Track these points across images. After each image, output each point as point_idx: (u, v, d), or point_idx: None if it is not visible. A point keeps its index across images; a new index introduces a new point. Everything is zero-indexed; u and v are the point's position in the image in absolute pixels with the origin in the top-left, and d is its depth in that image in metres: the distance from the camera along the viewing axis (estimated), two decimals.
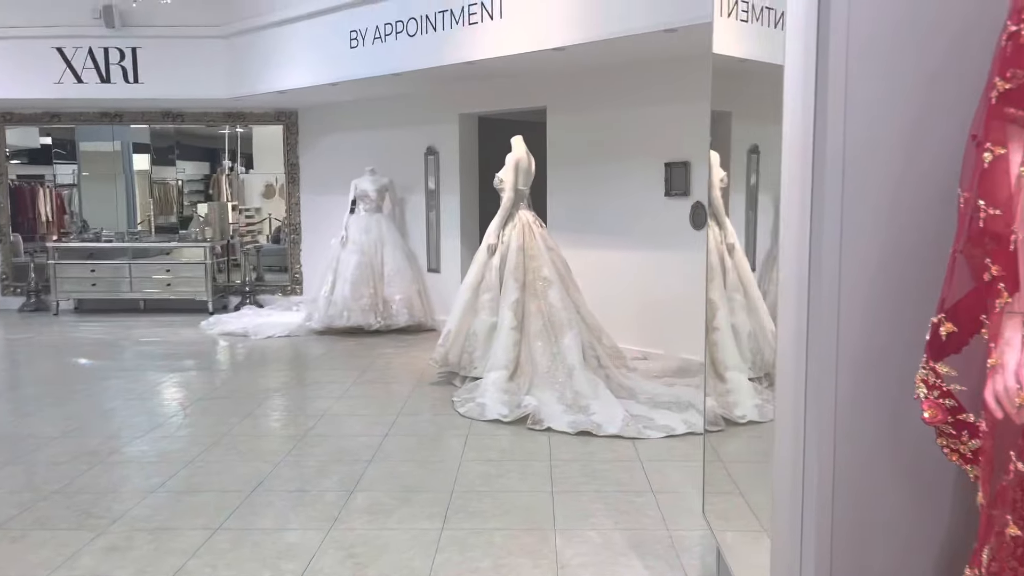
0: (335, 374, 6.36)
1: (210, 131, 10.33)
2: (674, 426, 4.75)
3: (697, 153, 6.18)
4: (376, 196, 8.43)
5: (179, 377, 6.32)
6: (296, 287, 10.09)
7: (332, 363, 6.78)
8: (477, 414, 5.09)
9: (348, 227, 8.39)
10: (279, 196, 10.70)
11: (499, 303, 5.82)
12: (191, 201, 10.68)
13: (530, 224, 5.99)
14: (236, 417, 5.13)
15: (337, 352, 7.24)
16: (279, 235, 10.76)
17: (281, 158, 10.06)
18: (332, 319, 8.01)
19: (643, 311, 6.61)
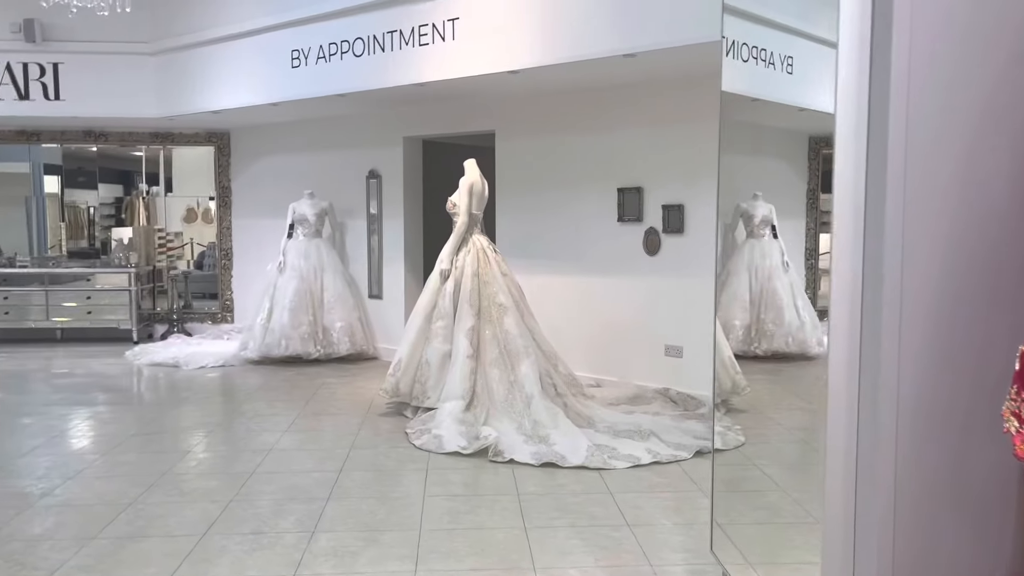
0: (278, 406, 6.07)
1: (124, 152, 9.87)
2: (639, 456, 4.67)
3: (650, 178, 6.18)
4: (315, 220, 8.18)
5: (108, 412, 5.93)
6: (227, 315, 9.69)
7: (273, 395, 6.48)
8: (435, 446, 4.91)
9: (286, 252, 8.10)
10: (202, 220, 10.32)
11: (453, 330, 5.67)
12: (104, 225, 10.18)
13: (484, 249, 5.87)
14: (175, 454, 4.81)
15: (277, 383, 6.94)
16: (203, 260, 10.36)
17: (206, 180, 9.74)
18: (270, 348, 7.70)
19: (595, 337, 6.55)
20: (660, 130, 6.09)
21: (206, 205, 10.22)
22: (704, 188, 5.86)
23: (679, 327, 6.07)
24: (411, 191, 8.03)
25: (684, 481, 4.31)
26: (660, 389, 6.07)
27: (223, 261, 9.66)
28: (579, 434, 5.01)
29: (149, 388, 6.88)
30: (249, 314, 8.98)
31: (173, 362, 7.74)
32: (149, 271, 9.69)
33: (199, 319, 9.71)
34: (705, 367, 5.90)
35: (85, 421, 5.62)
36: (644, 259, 6.24)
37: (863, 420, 1.61)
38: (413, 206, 8.06)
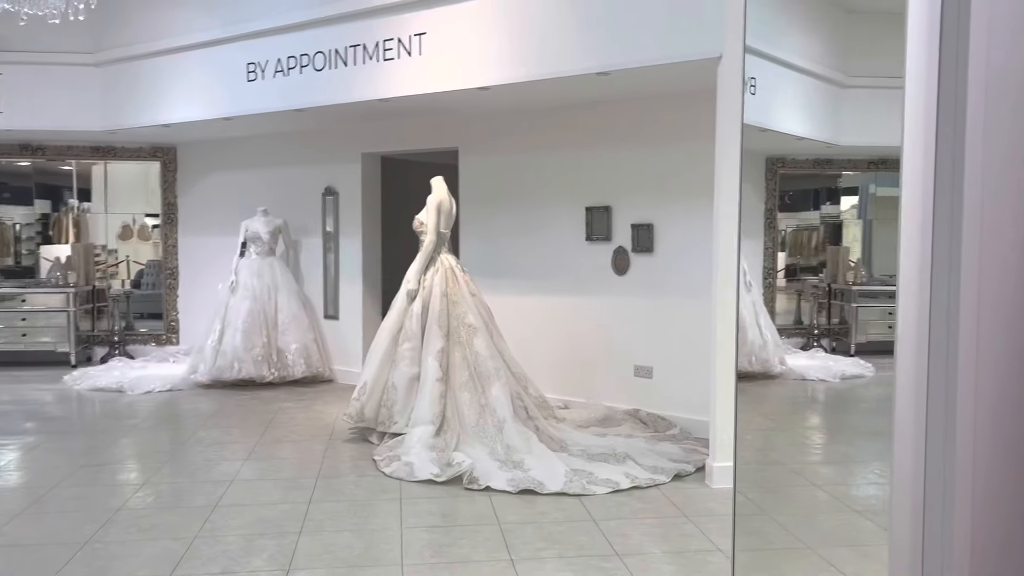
0: (235, 432, 5.82)
1: (53, 167, 9.45)
2: (617, 480, 4.58)
3: (619, 197, 6.14)
4: (268, 238, 7.94)
5: (51, 442, 5.58)
6: (172, 336, 9.32)
7: (228, 420, 6.21)
8: (406, 474, 4.74)
9: (238, 271, 7.85)
10: (138, 237, 9.94)
11: (421, 353, 5.52)
12: (33, 244, 9.72)
13: (453, 268, 5.74)
14: (129, 487, 4.54)
15: (231, 408, 6.66)
16: (140, 279, 9.97)
17: (142, 196, 9.45)
18: (221, 371, 7.41)
19: (563, 358, 6.45)
20: (629, 148, 6.06)
21: (142, 222, 9.86)
22: (674, 207, 5.85)
23: (649, 347, 6.03)
24: (369, 209, 7.86)
25: (666, 506, 4.24)
26: (630, 410, 6.01)
27: (168, 281, 9.30)
28: (554, 458, 4.90)
29: (93, 415, 6.53)
30: (196, 335, 8.67)
31: (117, 387, 7.38)
32: (88, 291, 9.27)
33: (142, 341, 9.32)
34: (675, 387, 5.87)
35: (27, 453, 5.27)
36: (613, 279, 6.19)
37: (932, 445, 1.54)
38: (371, 224, 7.88)
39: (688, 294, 5.78)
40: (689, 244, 5.77)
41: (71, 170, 9.51)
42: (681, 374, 5.84)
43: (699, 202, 5.66)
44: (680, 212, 5.82)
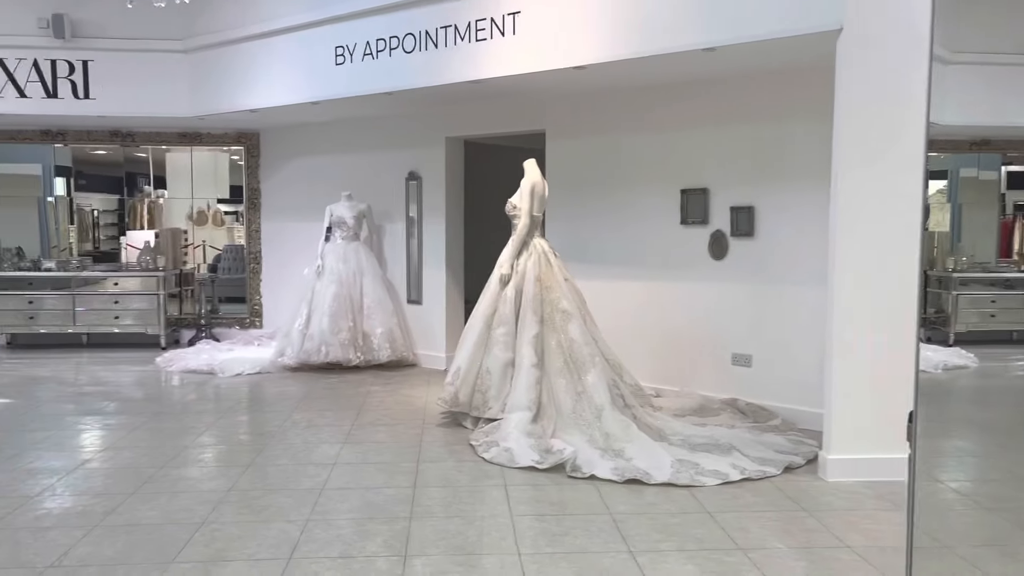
0: (328, 415, 5.84)
1: (129, 154, 9.62)
2: (726, 472, 4.44)
3: (717, 179, 5.96)
4: (354, 223, 7.96)
5: (154, 423, 5.68)
6: (256, 320, 9.45)
7: (320, 403, 6.25)
8: (506, 460, 4.67)
9: (324, 256, 7.89)
10: (212, 222, 10.10)
11: (516, 338, 5.44)
12: (111, 231, 9.96)
13: (546, 253, 5.65)
14: (236, 468, 4.58)
15: (320, 391, 6.71)
16: (217, 263, 10.14)
17: (214, 182, 9.69)
18: (308, 354, 7.47)
19: (656, 345, 6.31)
20: (729, 127, 5.86)
21: (216, 207, 10.01)
22: (778, 189, 5.64)
23: (748, 335, 5.85)
24: (453, 193, 7.80)
25: (781, 500, 4.08)
26: (727, 399, 5.84)
27: (252, 265, 9.43)
28: (657, 448, 4.78)
29: (189, 397, 6.63)
30: (279, 319, 8.80)
31: (208, 369, 7.50)
32: (176, 275, 9.46)
33: (226, 324, 9.47)
34: (776, 376, 5.68)
35: (132, 432, 5.37)
36: (710, 264, 6.01)
37: None
38: (454, 209, 7.83)
39: (793, 280, 5.58)
40: (794, 228, 5.56)
41: (146, 157, 9.70)
42: (783, 363, 5.65)
43: (807, 183, 5.45)
44: (784, 194, 5.61)
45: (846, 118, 4.24)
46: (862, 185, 4.25)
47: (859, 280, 4.29)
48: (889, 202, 4.22)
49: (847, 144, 4.25)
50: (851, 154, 4.25)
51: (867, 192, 4.25)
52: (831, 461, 4.38)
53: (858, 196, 4.26)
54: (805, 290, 5.52)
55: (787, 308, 5.62)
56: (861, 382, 4.33)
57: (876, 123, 4.20)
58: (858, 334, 4.31)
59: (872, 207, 4.26)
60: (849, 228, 4.29)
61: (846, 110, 4.23)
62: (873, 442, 4.34)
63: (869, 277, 4.28)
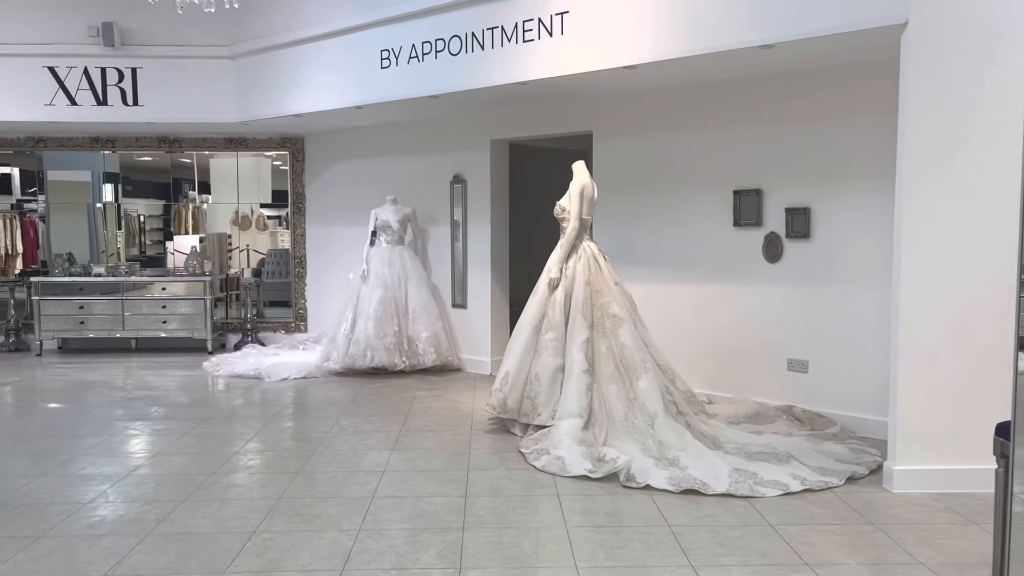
0: (376, 421, 5.81)
1: (174, 159, 9.73)
2: (786, 482, 4.30)
3: (771, 179, 5.80)
4: (399, 227, 7.94)
5: (202, 428, 5.70)
6: (300, 324, 9.49)
7: (366, 408, 6.23)
8: (558, 469, 4.59)
9: (369, 260, 7.88)
10: (255, 227, 10.18)
11: (565, 343, 5.36)
12: (157, 236, 10.09)
13: (596, 256, 5.55)
14: (285, 475, 4.55)
15: (366, 396, 6.69)
16: (261, 268, 10.21)
17: (257, 186, 9.83)
18: (354, 359, 7.46)
19: (708, 350, 6.17)
20: (783, 126, 5.71)
21: (259, 212, 10.09)
22: (835, 189, 5.48)
23: (804, 339, 5.68)
24: (498, 196, 7.74)
25: (846, 512, 3.93)
26: (783, 406, 5.69)
27: (297, 269, 9.47)
28: (713, 456, 4.66)
29: (236, 402, 6.65)
30: (323, 323, 8.84)
31: (255, 374, 7.53)
32: (222, 279, 9.54)
33: (271, 329, 9.53)
34: (834, 383, 5.52)
35: (181, 438, 5.38)
36: (764, 267, 5.86)
37: None
38: (499, 212, 7.77)
39: (852, 283, 5.41)
40: (854, 229, 5.39)
41: (191, 163, 9.79)
42: (842, 369, 5.48)
43: (866, 184, 5.29)
44: (842, 195, 5.44)
45: (912, 117, 4.07)
46: (929, 186, 4.08)
47: (927, 284, 4.12)
48: (959, 203, 4.05)
49: (913, 144, 4.08)
50: (917, 154, 4.08)
51: (936, 193, 4.08)
52: (897, 472, 4.22)
53: (926, 197, 4.09)
54: (864, 293, 5.35)
55: (845, 312, 5.45)
56: (929, 390, 4.16)
57: (944, 121, 4.03)
58: (926, 339, 4.15)
59: (941, 208, 4.08)
60: (916, 230, 4.12)
61: (911, 108, 4.06)
62: (942, 452, 4.18)
63: (938, 281, 4.11)
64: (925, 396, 4.17)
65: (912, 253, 4.13)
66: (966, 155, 4.02)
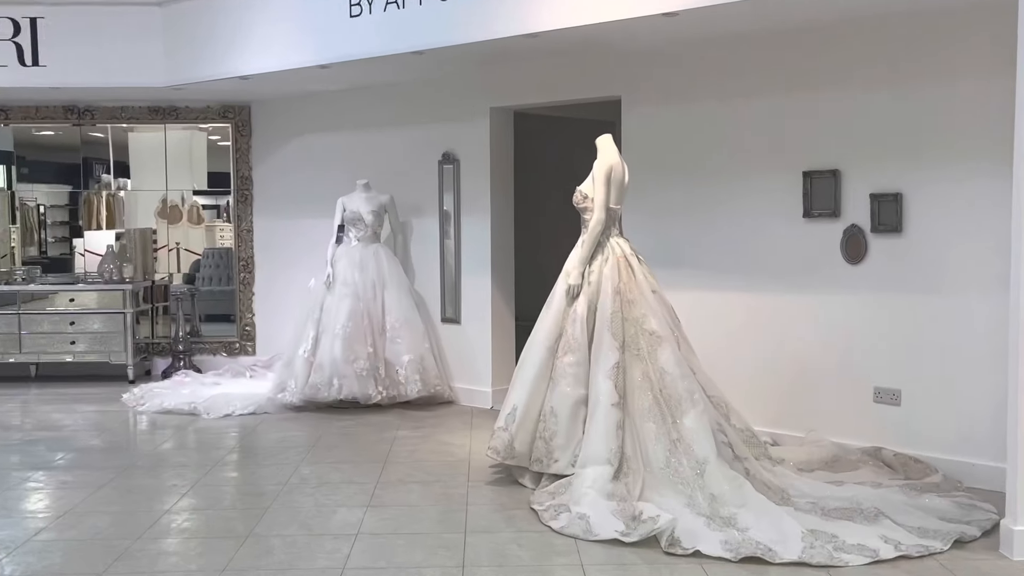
0: (346, 469, 5.83)
1: (64, 140, 9.72)
2: (875, 547, 4.29)
3: (851, 159, 5.81)
4: (372, 219, 7.94)
5: (121, 480, 5.69)
6: (247, 344, 9.50)
7: (334, 453, 6.25)
8: (581, 531, 4.58)
9: (335, 262, 7.88)
10: (187, 220, 10.17)
11: (589, 369, 5.36)
12: (62, 231, 10.05)
13: (627, 257, 5.55)
14: (230, 540, 4.55)
15: (334, 436, 6.71)
16: (195, 273, 10.22)
17: (188, 168, 9.89)
18: (317, 389, 7.47)
19: (767, 377, 6.18)
20: (866, 90, 5.71)
21: (192, 200, 10.09)
22: (934, 170, 5.47)
23: (895, 363, 5.68)
24: (500, 180, 7.75)
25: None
26: (869, 449, 5.69)
27: (242, 275, 9.49)
28: (781, 514, 4.65)
29: (167, 446, 6.66)
30: (277, 343, 8.82)
31: (189, 408, 7.55)
32: (146, 288, 9.54)
33: (210, 351, 9.53)
34: (935, 418, 5.51)
35: (95, 493, 5.38)
36: (843, 269, 5.86)
37: None
38: (502, 200, 7.78)
39: (957, 290, 5.41)
40: (959, 221, 5.40)
41: (105, 139, 9.79)
42: (944, 400, 5.48)
43: (977, 163, 5.30)
44: (945, 177, 5.44)
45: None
46: None
47: None
48: None
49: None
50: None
51: None
52: (1020, 534, 4.20)
53: None
54: (973, 305, 5.34)
55: (949, 328, 5.44)
56: None
57: None
58: None
59: None
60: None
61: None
62: None
63: None
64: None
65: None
66: None
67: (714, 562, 4.19)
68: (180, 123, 9.56)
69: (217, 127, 9.58)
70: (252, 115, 9.37)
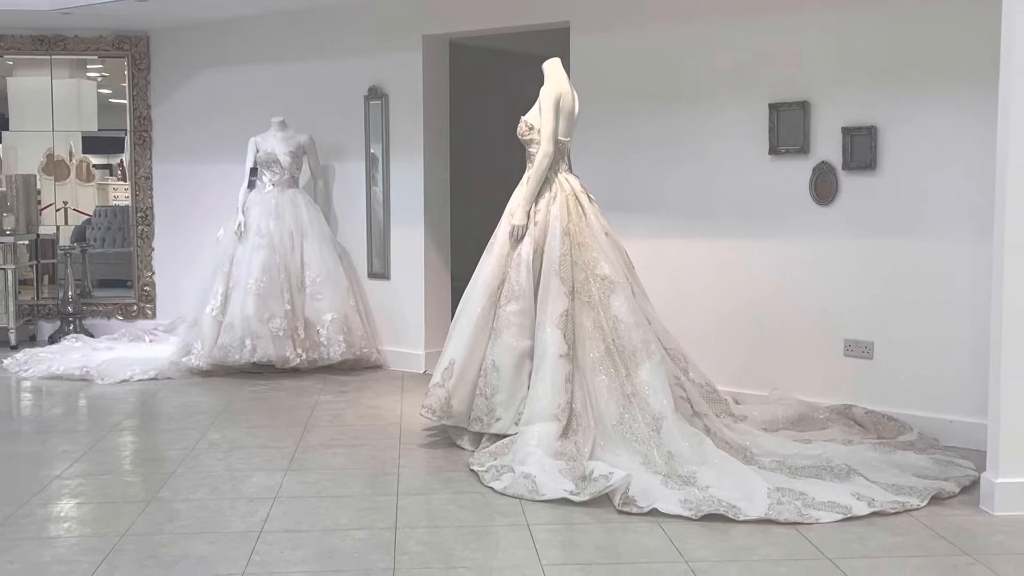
0: (261, 434, 5.81)
1: None
2: (847, 504, 4.36)
3: (822, 88, 5.87)
4: (289, 162, 7.87)
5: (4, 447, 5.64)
6: (147, 307, 9.35)
7: (248, 418, 6.23)
8: (526, 490, 4.59)
9: (247, 210, 7.81)
10: (76, 177, 9.98)
11: (535, 318, 5.37)
12: None
13: (576, 195, 5.57)
14: (131, 505, 4.50)
15: (246, 402, 6.68)
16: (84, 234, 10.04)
17: (76, 113, 9.67)
18: (227, 351, 7.39)
19: (730, 330, 6.25)
20: (838, 11, 5.76)
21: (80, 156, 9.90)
22: (911, 100, 5.55)
23: (868, 313, 5.77)
24: (435, 119, 7.72)
25: (932, 540, 4.03)
26: (838, 407, 5.78)
27: (141, 228, 9.32)
28: (744, 471, 4.73)
29: (55, 411, 6.59)
30: (181, 306, 8.68)
31: (81, 374, 7.44)
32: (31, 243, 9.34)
33: (104, 314, 9.38)
34: (911, 373, 5.61)
35: None
36: (812, 210, 5.94)
37: None
38: (438, 142, 7.76)
39: (935, 234, 5.51)
40: (939, 158, 5.48)
41: None
42: (921, 353, 5.59)
43: (959, 93, 5.38)
44: (923, 109, 5.52)
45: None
46: None
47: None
48: None
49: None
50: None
51: None
52: (1001, 487, 4.30)
53: None
54: (952, 249, 5.44)
55: (927, 274, 5.53)
56: None
57: None
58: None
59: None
60: None
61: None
62: None
63: None
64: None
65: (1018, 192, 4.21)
66: None
67: (672, 521, 4.22)
68: (68, 54, 9.32)
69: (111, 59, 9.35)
70: (151, 46, 9.19)
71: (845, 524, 4.18)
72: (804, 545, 3.95)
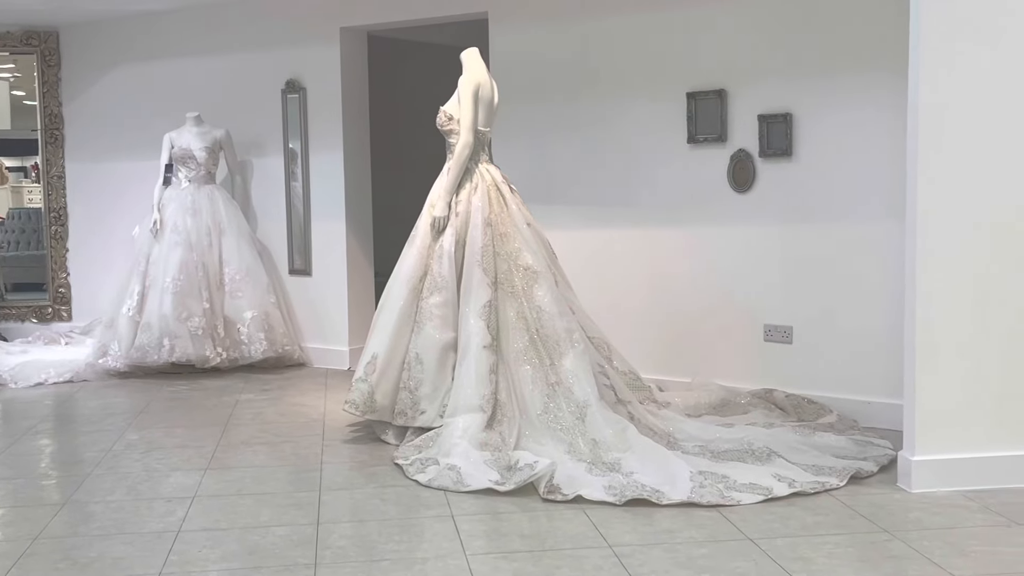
0: (180, 434, 5.72)
1: None
2: (768, 485, 4.42)
3: (738, 77, 5.93)
4: (205, 157, 7.76)
5: None
6: (62, 309, 9.14)
7: (166, 418, 6.14)
8: (452, 482, 4.58)
9: (162, 207, 7.69)
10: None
11: (459, 309, 5.38)
12: None
13: (498, 185, 5.57)
14: (43, 508, 4.42)
15: (165, 402, 6.57)
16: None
17: None
18: (144, 352, 7.26)
19: (653, 319, 6.30)
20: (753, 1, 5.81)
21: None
22: (827, 87, 5.63)
23: (786, 298, 5.84)
24: (354, 113, 7.64)
25: (851, 519, 4.10)
26: (759, 392, 5.85)
27: (54, 228, 9.11)
28: (668, 456, 4.78)
29: None
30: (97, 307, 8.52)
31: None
32: None
33: (18, 317, 9.16)
34: (829, 356, 5.70)
35: None
36: (730, 198, 5.99)
37: None
38: (358, 136, 7.69)
39: (852, 219, 5.59)
40: (855, 143, 5.55)
41: None
42: (839, 337, 5.67)
43: (874, 79, 5.45)
44: (839, 96, 5.59)
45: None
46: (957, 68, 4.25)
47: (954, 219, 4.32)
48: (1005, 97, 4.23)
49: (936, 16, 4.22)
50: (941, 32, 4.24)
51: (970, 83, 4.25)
52: (917, 465, 4.38)
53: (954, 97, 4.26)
54: (869, 233, 5.52)
55: (844, 260, 5.62)
56: (958, 359, 4.36)
57: None
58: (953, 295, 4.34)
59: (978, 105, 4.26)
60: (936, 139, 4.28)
61: None
62: (975, 439, 4.40)
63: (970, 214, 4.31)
64: (952, 369, 4.37)
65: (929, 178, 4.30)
66: None
67: (597, 507, 4.24)
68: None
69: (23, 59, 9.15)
70: (61, 42, 8.98)
71: (767, 505, 4.24)
72: (726, 527, 4.00)
